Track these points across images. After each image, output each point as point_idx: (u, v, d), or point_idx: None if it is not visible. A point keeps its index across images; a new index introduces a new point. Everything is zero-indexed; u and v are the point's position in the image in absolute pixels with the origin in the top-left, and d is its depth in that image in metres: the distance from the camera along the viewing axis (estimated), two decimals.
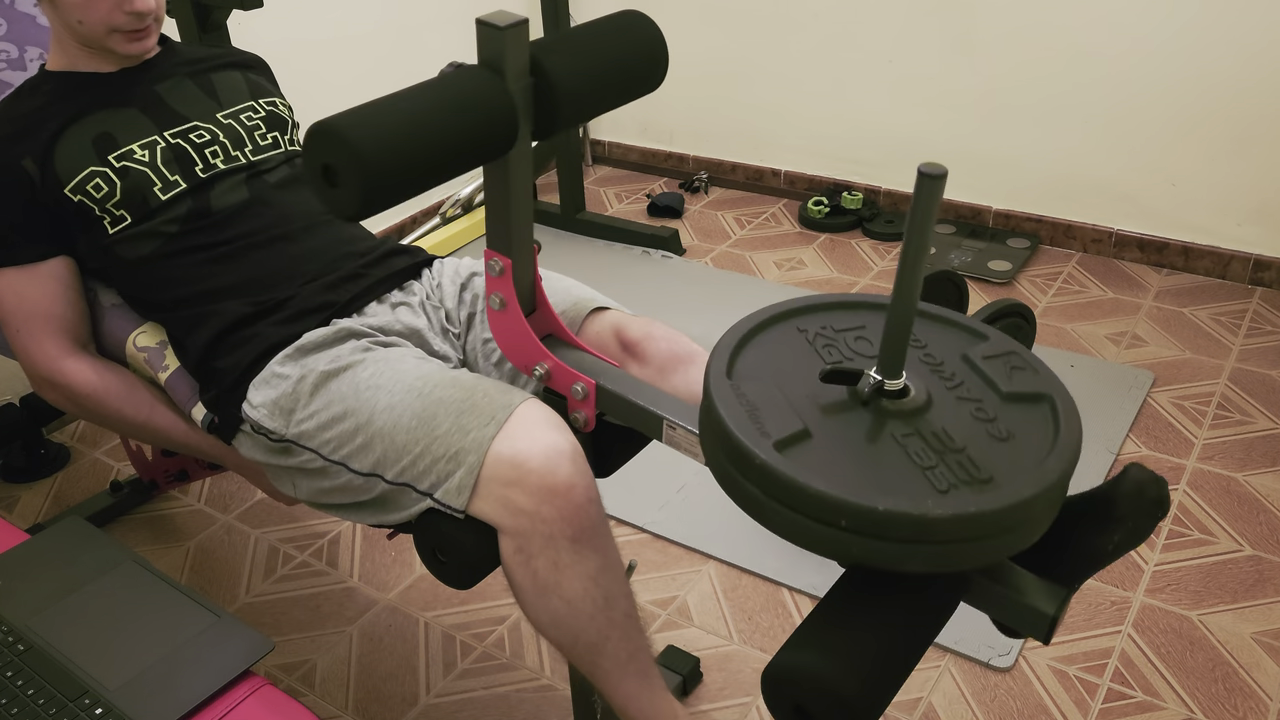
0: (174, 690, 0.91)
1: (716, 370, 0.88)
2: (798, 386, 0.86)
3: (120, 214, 1.30)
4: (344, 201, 0.88)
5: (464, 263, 1.41)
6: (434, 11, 2.97)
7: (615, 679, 1.14)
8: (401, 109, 0.89)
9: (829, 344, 0.93)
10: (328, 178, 0.88)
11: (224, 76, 1.46)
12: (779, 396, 0.84)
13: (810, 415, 0.83)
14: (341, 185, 0.87)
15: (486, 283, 1.08)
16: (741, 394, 0.84)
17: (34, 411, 2.08)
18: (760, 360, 0.90)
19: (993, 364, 0.89)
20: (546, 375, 1.09)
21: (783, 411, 0.82)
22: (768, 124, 3.17)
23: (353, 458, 1.14)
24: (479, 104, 0.92)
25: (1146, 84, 2.52)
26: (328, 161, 0.87)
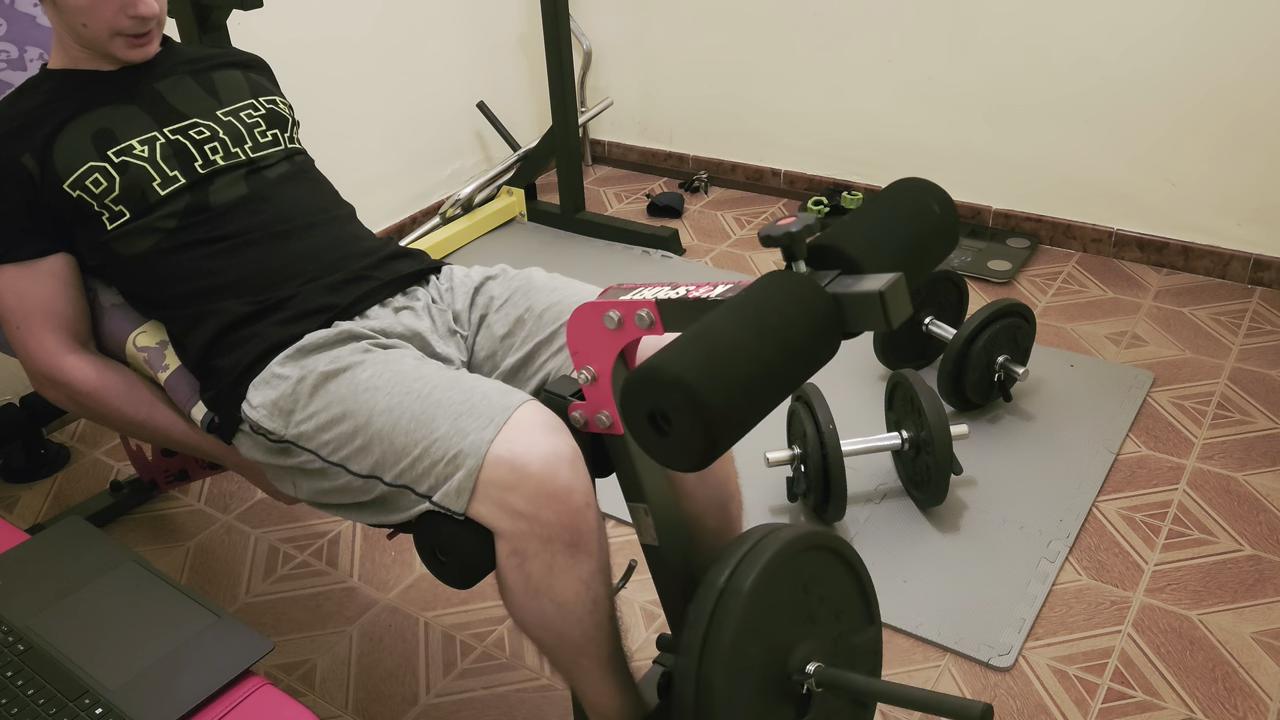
0: (174, 690, 0.91)
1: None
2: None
3: (119, 209, 1.30)
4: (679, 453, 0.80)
5: (475, 270, 1.41)
6: (433, 11, 2.97)
7: (595, 677, 1.16)
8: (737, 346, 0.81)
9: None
10: (655, 425, 0.80)
11: (224, 75, 1.46)
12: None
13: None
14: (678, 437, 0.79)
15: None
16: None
17: (34, 411, 2.08)
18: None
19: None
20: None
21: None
22: (768, 124, 3.17)
23: (352, 459, 1.14)
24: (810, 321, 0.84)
25: (1147, 84, 2.52)
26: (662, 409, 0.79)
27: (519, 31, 3.30)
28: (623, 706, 1.19)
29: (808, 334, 0.85)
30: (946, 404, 2.11)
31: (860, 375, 2.27)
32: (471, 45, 3.15)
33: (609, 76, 3.41)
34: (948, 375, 2.04)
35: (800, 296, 0.86)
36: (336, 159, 2.73)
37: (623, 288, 1.04)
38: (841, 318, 0.88)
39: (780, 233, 0.89)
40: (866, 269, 0.91)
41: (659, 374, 0.78)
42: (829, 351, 0.87)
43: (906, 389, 1.87)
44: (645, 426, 0.80)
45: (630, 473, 1.11)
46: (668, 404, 0.78)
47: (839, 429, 1.98)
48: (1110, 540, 1.81)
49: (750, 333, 0.82)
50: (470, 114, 3.20)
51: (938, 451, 1.76)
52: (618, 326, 1.01)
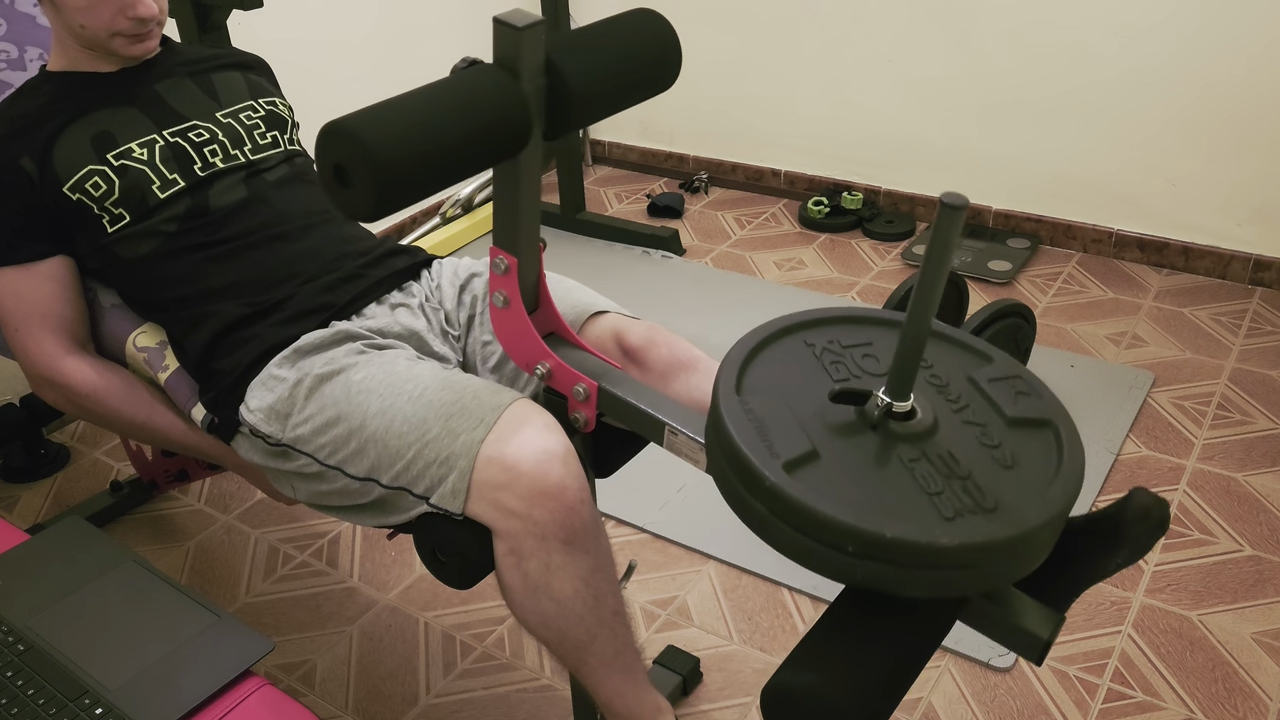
0: (174, 690, 0.91)
1: (725, 384, 0.87)
2: (806, 404, 0.86)
3: (119, 212, 1.30)
4: (357, 202, 0.87)
5: (463, 263, 1.40)
6: (433, 11, 2.97)
7: (601, 675, 1.15)
8: (415, 109, 0.88)
9: (836, 360, 0.92)
10: (340, 178, 0.87)
11: (224, 76, 1.46)
12: (788, 414, 0.84)
13: (819, 435, 0.83)
14: (355, 186, 0.86)
15: (490, 280, 1.08)
16: (750, 411, 0.84)
17: (34, 411, 2.08)
18: (768, 375, 0.90)
19: (998, 387, 0.89)
20: (548, 374, 1.09)
21: (791, 431, 0.82)
22: (768, 124, 3.17)
23: (348, 462, 1.14)
24: (493, 104, 0.92)
25: (1147, 84, 2.52)
26: (340, 161, 0.86)
27: None
28: (636, 705, 1.18)
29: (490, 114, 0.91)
30: None
31: None
32: (472, 45, 3.15)
33: None
34: None
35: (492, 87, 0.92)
36: None
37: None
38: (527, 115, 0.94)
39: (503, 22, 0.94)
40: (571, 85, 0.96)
41: (339, 126, 0.85)
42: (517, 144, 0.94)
43: None
44: (332, 178, 0.87)
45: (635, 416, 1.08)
46: (345, 156, 0.85)
47: None
48: None
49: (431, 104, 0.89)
50: None
51: None
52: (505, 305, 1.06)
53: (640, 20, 1.06)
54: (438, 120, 0.88)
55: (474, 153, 0.91)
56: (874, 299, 2.61)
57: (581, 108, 0.99)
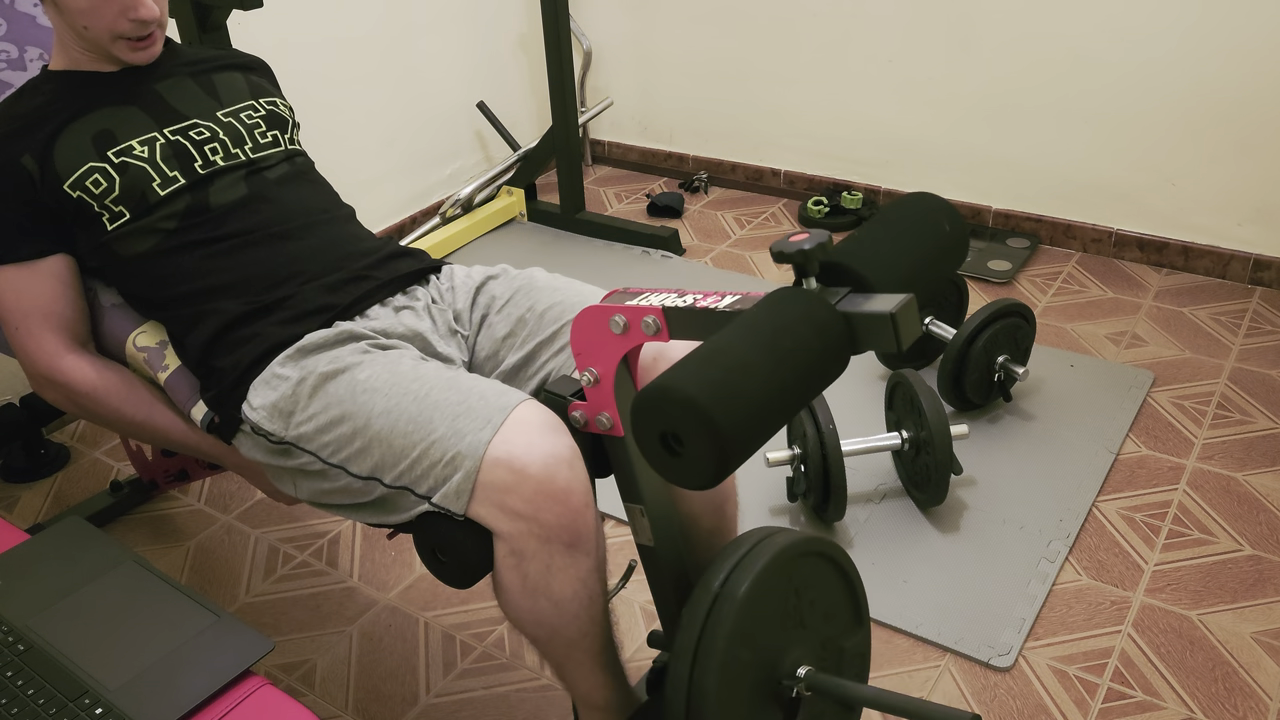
0: (174, 690, 0.91)
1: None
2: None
3: (119, 210, 1.30)
4: (690, 473, 0.80)
5: (475, 269, 1.41)
6: (434, 12, 2.97)
7: (587, 669, 1.17)
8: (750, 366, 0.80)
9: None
10: (667, 445, 0.80)
11: (225, 77, 1.46)
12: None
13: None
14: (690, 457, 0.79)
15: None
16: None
17: (34, 411, 2.08)
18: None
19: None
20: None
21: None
22: (768, 124, 3.17)
23: (351, 461, 1.14)
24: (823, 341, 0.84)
25: (1147, 84, 2.52)
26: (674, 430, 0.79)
27: (519, 31, 3.30)
28: (613, 698, 1.20)
29: (819, 353, 0.84)
30: (946, 404, 2.11)
31: (860, 375, 2.27)
32: (471, 45, 3.15)
33: (609, 76, 3.41)
34: (948, 375, 2.04)
35: (812, 316, 0.85)
36: (337, 159, 2.73)
37: (629, 292, 1.04)
38: (852, 337, 0.87)
39: (794, 249, 0.88)
40: (876, 287, 0.90)
41: (673, 394, 0.77)
42: (838, 369, 0.87)
43: (906, 389, 1.87)
44: (656, 445, 0.80)
45: (628, 474, 1.11)
46: (681, 426, 0.78)
47: (839, 429, 1.98)
48: (1110, 540, 1.81)
49: (763, 353, 0.81)
50: (470, 114, 3.20)
51: (938, 451, 1.76)
52: (623, 331, 1.00)
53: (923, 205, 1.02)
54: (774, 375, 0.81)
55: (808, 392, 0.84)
56: None
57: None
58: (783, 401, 0.81)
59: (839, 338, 0.86)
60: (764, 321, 0.84)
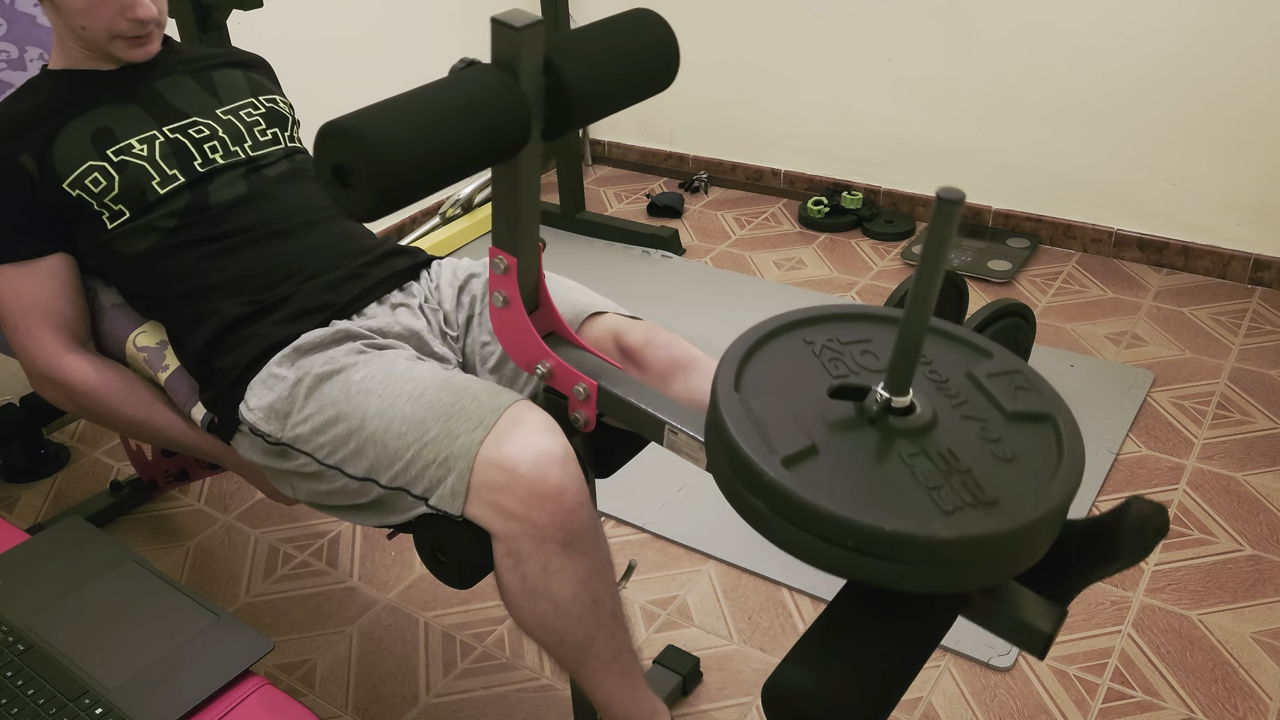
0: (174, 690, 0.91)
1: (724, 382, 0.87)
2: (804, 401, 0.86)
3: (118, 208, 1.30)
4: (357, 202, 0.87)
5: (462, 264, 1.40)
6: (432, 10, 2.97)
7: (599, 677, 1.15)
8: (414, 109, 0.88)
9: (835, 357, 0.92)
10: (340, 177, 0.87)
11: (224, 74, 1.46)
12: (786, 411, 0.84)
13: (817, 431, 0.82)
14: (355, 185, 0.86)
15: (490, 280, 1.08)
16: (749, 408, 0.84)
17: (34, 411, 2.08)
18: (766, 372, 0.90)
19: (997, 382, 0.89)
20: (548, 374, 1.09)
21: (790, 427, 0.82)
22: (767, 124, 3.17)
23: (347, 462, 1.14)
24: (492, 104, 0.91)
25: (1146, 84, 2.52)
26: (340, 161, 0.86)
27: None
28: (633, 708, 1.18)
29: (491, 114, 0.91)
30: None
31: None
32: (471, 45, 3.15)
33: None
34: None
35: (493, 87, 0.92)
36: None
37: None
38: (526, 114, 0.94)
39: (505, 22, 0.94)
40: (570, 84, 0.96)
41: (340, 126, 0.84)
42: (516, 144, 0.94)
43: None
44: (331, 180, 0.87)
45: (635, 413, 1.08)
46: (346, 155, 0.85)
47: None
48: None
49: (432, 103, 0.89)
50: None
51: None
52: (505, 305, 1.06)
53: (639, 20, 1.06)
54: (437, 120, 0.88)
55: (473, 153, 0.91)
56: (874, 299, 2.61)
57: (581, 108, 0.99)
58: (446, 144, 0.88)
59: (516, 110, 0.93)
60: (447, 83, 0.92)
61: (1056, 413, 0.86)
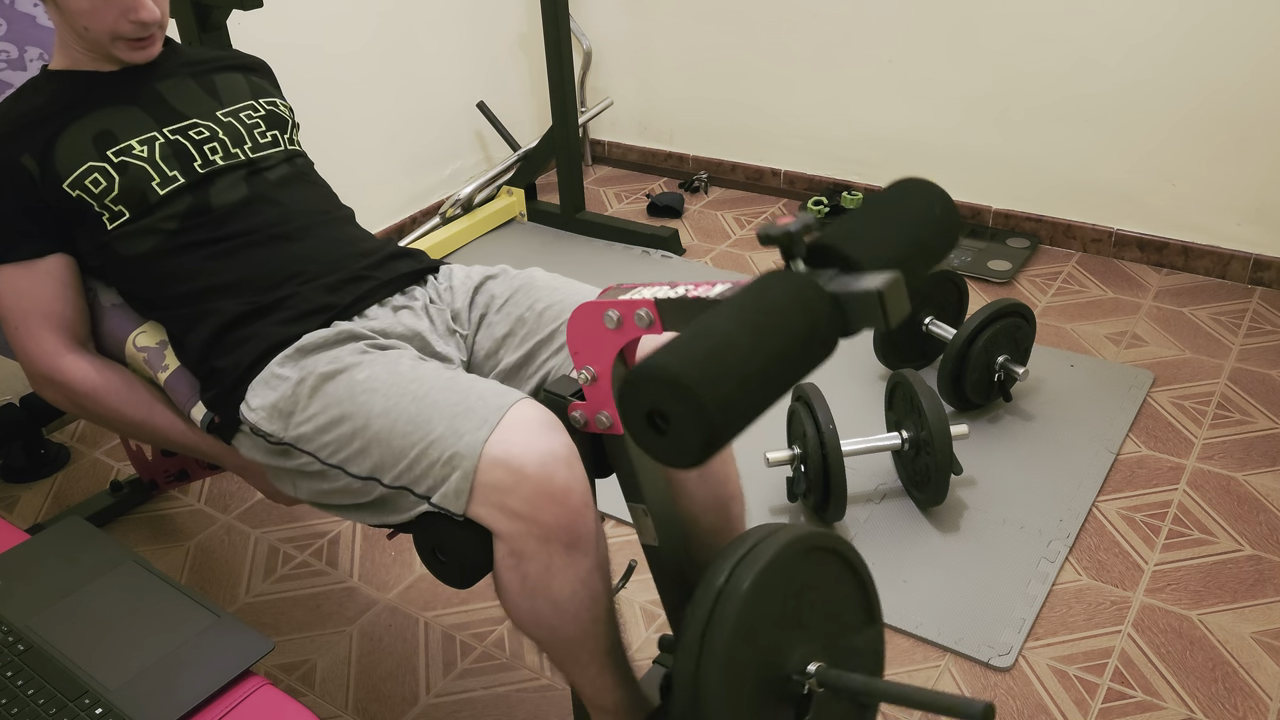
0: (174, 690, 0.91)
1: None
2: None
3: (119, 209, 1.30)
4: (677, 451, 0.80)
5: (475, 269, 1.41)
6: (434, 12, 2.97)
7: (592, 671, 1.16)
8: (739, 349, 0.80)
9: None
10: (653, 424, 0.80)
11: (225, 77, 1.46)
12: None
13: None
14: (675, 435, 0.79)
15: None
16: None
17: (34, 411, 2.08)
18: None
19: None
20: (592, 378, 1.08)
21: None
22: (767, 124, 3.17)
23: (350, 461, 1.14)
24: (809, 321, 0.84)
25: (1147, 84, 2.52)
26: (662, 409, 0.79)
27: (519, 31, 3.30)
28: (621, 701, 1.19)
29: (805, 332, 0.84)
30: (946, 404, 2.11)
31: (860, 375, 2.28)
32: (471, 45, 3.15)
33: (609, 76, 3.41)
34: (948, 375, 2.04)
35: (798, 295, 0.86)
36: (337, 159, 2.73)
37: (621, 287, 1.04)
38: (840, 316, 0.88)
39: (779, 232, 0.89)
40: (865, 268, 0.91)
41: (657, 373, 0.77)
42: (826, 350, 0.87)
43: (906, 389, 1.87)
44: (643, 425, 0.80)
45: (630, 473, 1.11)
46: (666, 403, 0.78)
47: (839, 429, 1.98)
48: (1110, 540, 1.81)
49: (748, 330, 0.81)
50: (470, 114, 3.20)
51: (938, 451, 1.76)
52: (617, 326, 1.00)
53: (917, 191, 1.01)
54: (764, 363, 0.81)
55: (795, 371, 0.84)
56: None
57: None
58: (768, 379, 0.81)
59: (825, 315, 0.86)
60: (749, 301, 0.85)
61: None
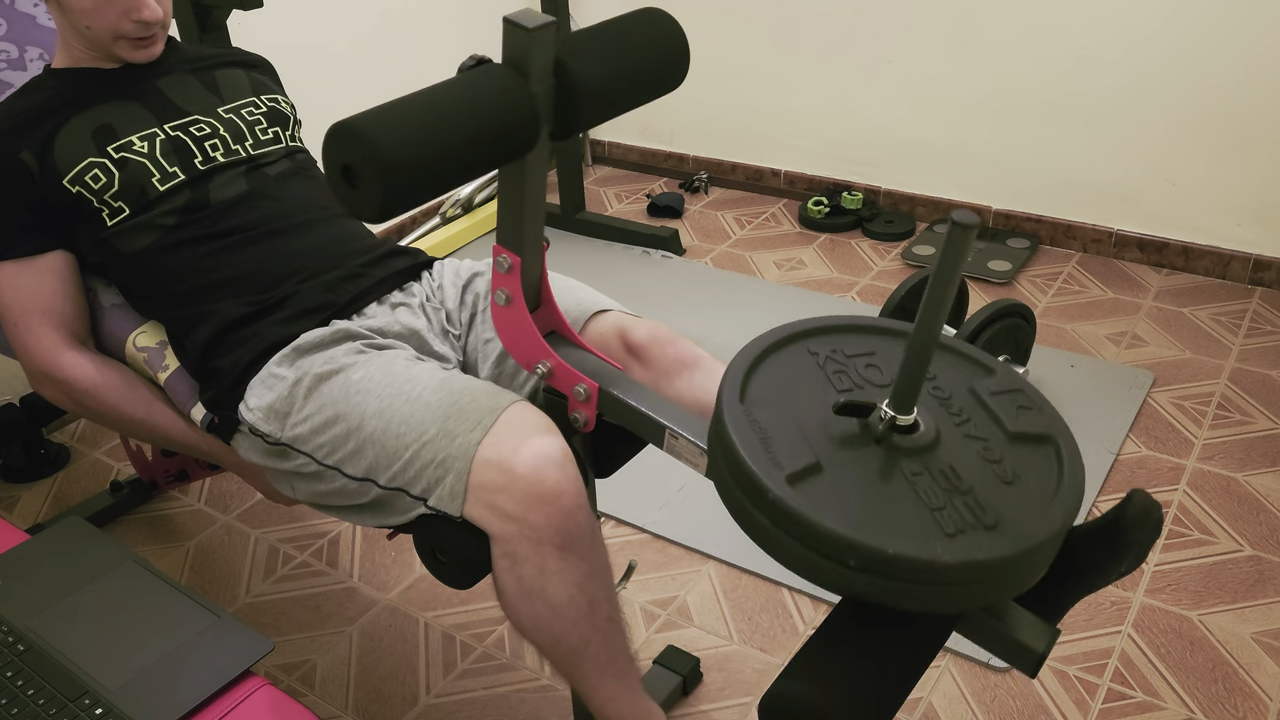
0: (174, 690, 0.91)
1: (729, 394, 0.87)
2: (808, 414, 0.86)
3: (118, 205, 1.30)
4: (365, 203, 0.86)
5: (465, 264, 1.40)
6: (434, 12, 2.97)
7: (595, 681, 1.15)
8: (423, 109, 0.88)
9: (840, 369, 0.92)
10: (348, 178, 0.86)
11: (226, 73, 1.46)
12: (790, 425, 0.84)
13: (822, 447, 0.82)
14: (362, 186, 0.86)
15: (493, 278, 1.07)
16: (754, 421, 0.83)
17: (34, 411, 2.08)
18: (771, 384, 0.89)
19: (999, 400, 0.89)
20: (548, 373, 1.09)
21: (795, 442, 0.82)
22: (768, 124, 3.17)
23: (346, 462, 1.14)
24: (502, 105, 0.91)
25: (1147, 84, 2.52)
26: (348, 162, 0.85)
27: None
28: (628, 711, 1.17)
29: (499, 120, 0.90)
30: None
31: None
32: (472, 45, 3.15)
33: None
34: None
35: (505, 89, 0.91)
36: None
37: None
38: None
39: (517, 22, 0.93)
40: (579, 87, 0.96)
41: (348, 127, 0.84)
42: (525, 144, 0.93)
43: None
44: (339, 180, 0.87)
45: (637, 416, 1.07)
46: (352, 156, 0.84)
47: None
48: None
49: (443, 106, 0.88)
50: None
51: None
52: (507, 303, 1.06)
53: (648, 20, 1.05)
54: (446, 121, 0.88)
55: (482, 154, 0.91)
56: (874, 299, 2.60)
57: (590, 108, 0.98)
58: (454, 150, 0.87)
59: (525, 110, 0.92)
60: (456, 85, 0.91)
61: (1058, 434, 0.86)
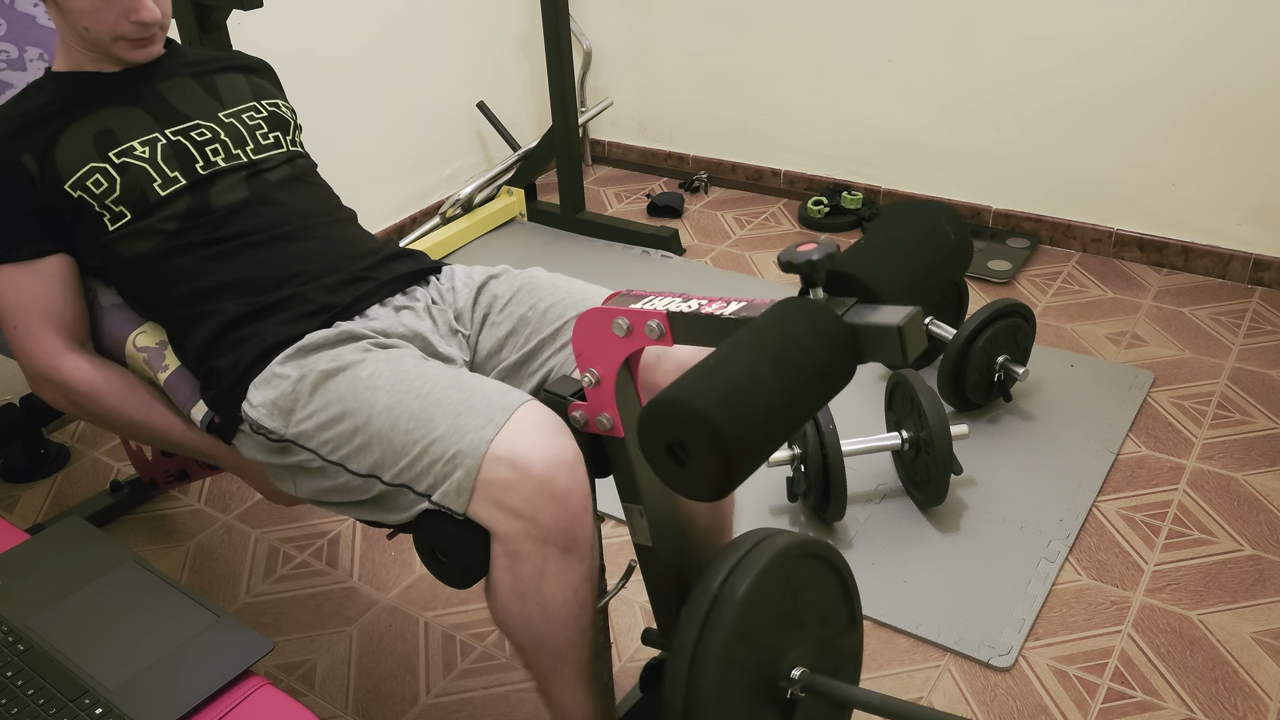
0: (174, 690, 0.91)
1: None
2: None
3: (120, 210, 1.31)
4: (697, 484, 0.80)
5: (476, 269, 1.41)
6: (434, 12, 2.97)
7: (571, 685, 1.15)
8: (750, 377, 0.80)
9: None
10: (674, 456, 0.80)
11: (227, 78, 1.46)
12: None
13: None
14: (696, 466, 0.79)
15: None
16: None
17: (34, 411, 2.08)
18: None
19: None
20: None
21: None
22: (768, 124, 3.17)
23: (351, 459, 1.14)
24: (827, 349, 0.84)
25: (1147, 84, 2.52)
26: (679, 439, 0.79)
27: (519, 31, 3.30)
28: (592, 717, 1.18)
29: (825, 364, 0.84)
30: (946, 404, 2.11)
31: (860, 375, 2.27)
32: (472, 45, 3.15)
33: (609, 76, 3.41)
34: (948, 375, 2.04)
35: (820, 327, 0.85)
36: (337, 159, 2.73)
37: (632, 294, 1.04)
38: (858, 348, 0.87)
39: (801, 259, 0.88)
40: (883, 297, 0.90)
41: (681, 406, 0.77)
42: (844, 380, 0.87)
43: (906, 389, 1.87)
44: (663, 455, 0.80)
45: (628, 475, 1.11)
46: (688, 437, 0.77)
47: (839, 429, 1.98)
48: (1110, 540, 1.81)
49: (770, 364, 0.81)
50: (470, 114, 3.20)
51: (938, 451, 1.76)
52: (626, 334, 1.01)
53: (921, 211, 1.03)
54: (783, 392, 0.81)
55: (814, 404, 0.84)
56: None
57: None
58: (789, 413, 0.81)
59: (845, 349, 0.86)
60: (771, 332, 0.84)
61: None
